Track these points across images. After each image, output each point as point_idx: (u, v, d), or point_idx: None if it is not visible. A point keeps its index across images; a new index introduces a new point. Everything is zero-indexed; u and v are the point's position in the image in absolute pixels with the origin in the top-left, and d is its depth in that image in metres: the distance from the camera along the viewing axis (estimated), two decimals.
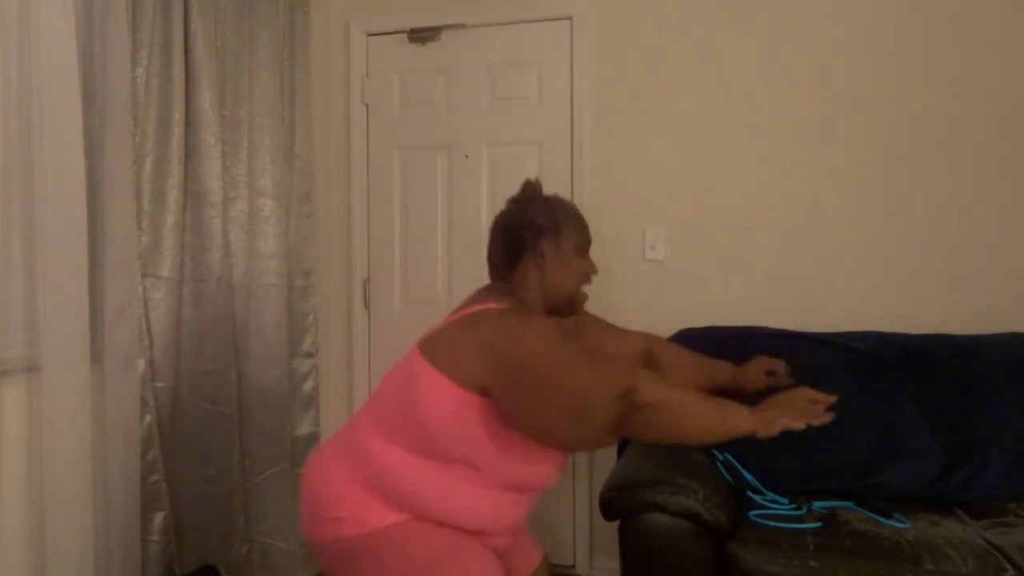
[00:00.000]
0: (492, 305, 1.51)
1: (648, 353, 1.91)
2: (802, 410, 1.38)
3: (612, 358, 1.60)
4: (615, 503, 1.90)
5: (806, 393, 1.47)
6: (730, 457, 2.26)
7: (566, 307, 1.65)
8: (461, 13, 2.97)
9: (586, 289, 1.69)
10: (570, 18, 2.88)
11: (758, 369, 1.91)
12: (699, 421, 1.35)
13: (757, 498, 2.16)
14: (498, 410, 1.41)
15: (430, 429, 1.42)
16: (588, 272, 1.67)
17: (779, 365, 1.92)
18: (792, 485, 2.24)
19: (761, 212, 2.72)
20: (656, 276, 2.81)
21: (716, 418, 1.36)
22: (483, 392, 1.40)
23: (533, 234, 1.60)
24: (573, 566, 2.90)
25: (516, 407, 1.38)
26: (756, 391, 1.87)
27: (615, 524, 1.92)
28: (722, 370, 1.93)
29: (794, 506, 2.11)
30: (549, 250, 1.60)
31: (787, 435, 2.29)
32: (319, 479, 1.51)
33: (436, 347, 1.46)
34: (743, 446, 2.31)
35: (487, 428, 1.42)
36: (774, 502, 2.14)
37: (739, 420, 1.36)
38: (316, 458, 1.57)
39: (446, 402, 1.40)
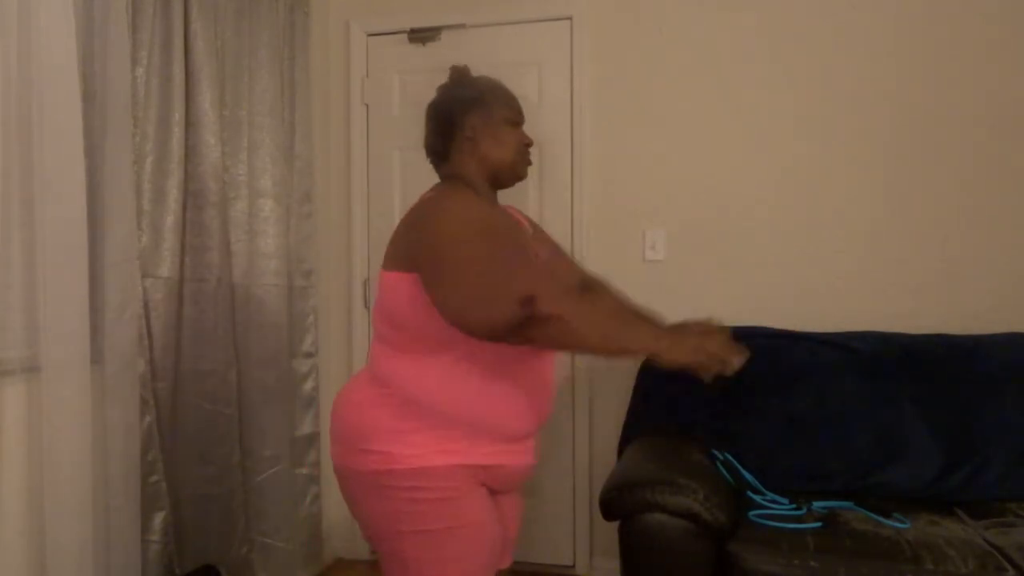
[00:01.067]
0: (428, 194, 1.59)
1: (583, 287, 1.85)
2: (715, 351, 1.35)
3: (531, 263, 1.54)
4: (615, 503, 1.90)
5: (724, 332, 1.40)
6: (730, 457, 2.26)
7: (508, 177, 1.66)
8: (461, 13, 2.97)
9: (527, 156, 1.70)
10: (570, 18, 2.88)
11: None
12: (596, 339, 1.35)
13: (757, 498, 2.16)
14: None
15: (404, 324, 1.47)
16: (523, 142, 1.67)
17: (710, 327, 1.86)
18: (792, 485, 2.24)
19: (761, 212, 2.72)
20: (656, 276, 2.81)
21: (615, 336, 1.35)
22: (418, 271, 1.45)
23: (460, 110, 1.62)
24: (573, 566, 2.90)
25: (430, 288, 1.42)
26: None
27: (615, 524, 1.92)
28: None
29: (794, 506, 2.11)
30: (479, 124, 1.61)
31: (787, 435, 2.31)
32: (353, 403, 1.55)
33: (387, 253, 1.55)
34: (743, 446, 2.32)
35: None
36: (774, 502, 2.14)
37: (641, 340, 1.35)
38: (349, 385, 1.61)
39: (401, 291, 1.47)
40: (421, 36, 3.01)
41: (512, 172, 1.66)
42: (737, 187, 2.74)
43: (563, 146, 2.89)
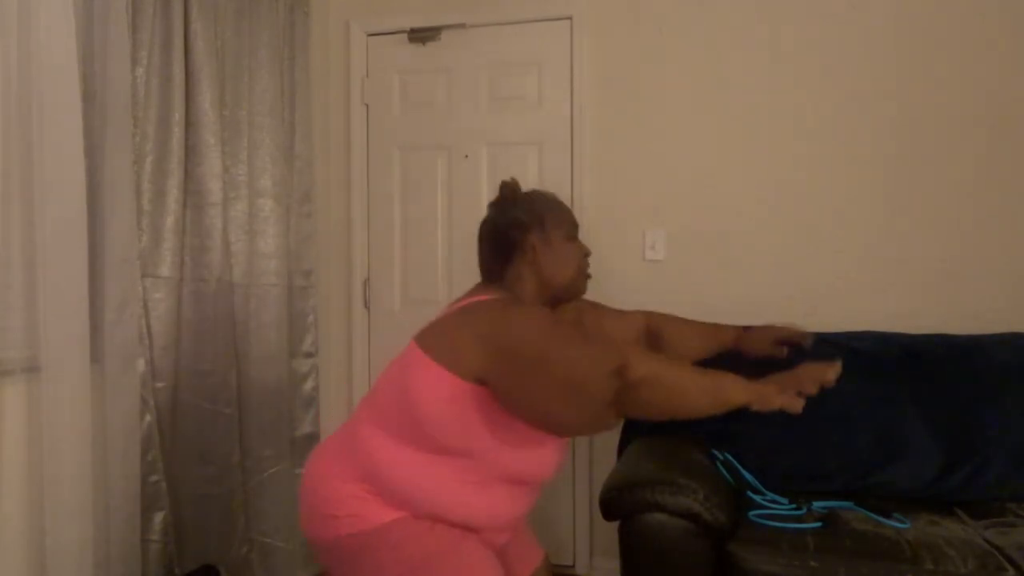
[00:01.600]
0: (486, 296, 1.53)
1: (650, 329, 1.94)
2: (804, 380, 1.41)
3: (605, 338, 1.60)
4: (615, 503, 1.89)
5: (808, 370, 1.46)
6: (730, 457, 2.26)
7: (570, 293, 1.66)
8: (461, 13, 2.97)
9: (587, 270, 1.70)
10: (570, 18, 2.88)
11: (764, 336, 1.98)
12: (694, 394, 1.36)
13: (757, 498, 2.16)
14: (493, 397, 1.41)
15: (426, 419, 1.41)
16: (583, 254, 1.67)
17: (794, 334, 1.98)
18: (792, 485, 2.24)
19: (761, 212, 2.72)
20: (656, 276, 2.81)
21: (711, 390, 1.37)
22: (478, 380, 1.40)
23: (520, 232, 1.60)
24: (573, 566, 2.90)
25: (511, 392, 1.38)
26: (756, 356, 1.92)
27: (615, 524, 1.92)
28: (727, 333, 2.01)
29: (794, 506, 2.11)
30: (539, 244, 1.60)
31: (787, 435, 2.31)
32: (318, 476, 1.50)
33: (432, 337, 1.46)
34: (743, 446, 2.32)
35: (482, 415, 1.42)
36: (774, 502, 2.14)
37: (735, 392, 1.38)
38: (315, 456, 1.57)
39: (441, 390, 1.40)
40: (421, 36, 3.01)
41: (574, 288, 1.66)
42: (737, 187, 2.74)
43: (563, 146, 2.89)
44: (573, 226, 1.67)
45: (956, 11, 2.56)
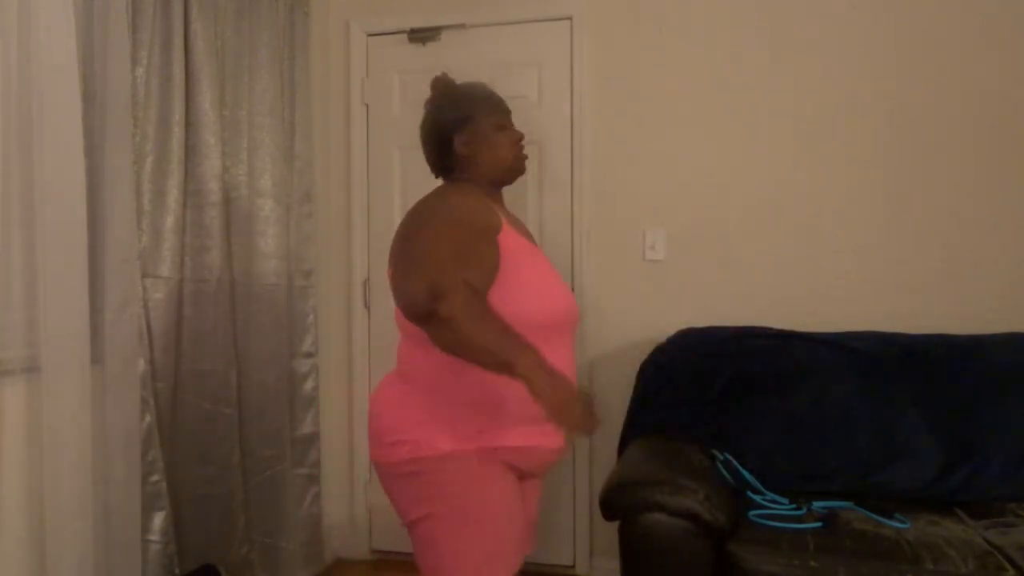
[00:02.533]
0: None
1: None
2: (578, 414, 1.35)
3: (468, 264, 1.46)
4: (615, 503, 1.90)
5: (574, 413, 1.36)
6: (730, 457, 2.26)
7: (509, 176, 1.74)
8: (461, 13, 2.97)
9: (522, 153, 1.75)
10: (570, 18, 2.88)
11: None
12: (478, 351, 1.38)
13: (757, 498, 2.16)
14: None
15: None
16: (515, 140, 1.73)
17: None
18: (792, 485, 2.24)
19: (761, 212, 2.72)
20: (656, 276, 2.81)
21: (496, 354, 1.36)
22: None
23: (449, 130, 1.68)
24: (573, 566, 2.90)
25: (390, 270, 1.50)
26: None
27: (615, 524, 1.92)
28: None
29: (794, 506, 2.11)
30: (471, 140, 1.68)
31: (787, 435, 2.31)
32: (382, 401, 1.61)
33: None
34: (743, 446, 2.32)
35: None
36: (774, 502, 2.14)
37: (517, 367, 1.33)
38: (379, 383, 1.67)
39: None
40: (421, 36, 3.01)
41: (512, 171, 1.74)
42: (737, 187, 2.74)
43: (563, 146, 2.89)
44: (504, 114, 1.74)
45: (956, 11, 2.56)
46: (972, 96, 2.56)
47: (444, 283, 1.35)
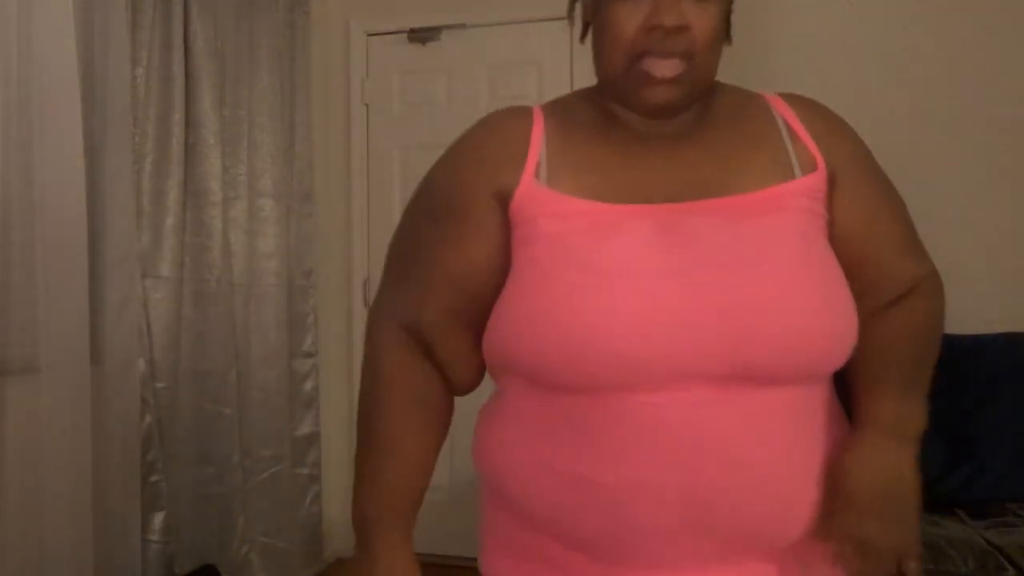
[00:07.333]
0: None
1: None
2: None
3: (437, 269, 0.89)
4: None
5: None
6: None
7: (621, 95, 0.89)
8: (461, 13, 2.97)
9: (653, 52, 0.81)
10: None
11: None
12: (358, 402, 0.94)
13: None
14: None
15: None
16: (640, 26, 0.81)
17: None
18: None
19: None
20: None
21: (358, 454, 0.91)
22: None
23: None
24: None
25: None
26: None
27: None
28: None
29: None
30: (587, 3, 0.94)
31: None
32: (482, 413, 0.96)
33: None
34: None
35: None
36: None
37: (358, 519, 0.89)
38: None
39: None
40: (421, 36, 3.00)
41: (621, 89, 0.87)
42: None
43: None
44: None
45: (957, 10, 2.56)
46: (972, 95, 2.55)
47: (375, 304, 0.95)
